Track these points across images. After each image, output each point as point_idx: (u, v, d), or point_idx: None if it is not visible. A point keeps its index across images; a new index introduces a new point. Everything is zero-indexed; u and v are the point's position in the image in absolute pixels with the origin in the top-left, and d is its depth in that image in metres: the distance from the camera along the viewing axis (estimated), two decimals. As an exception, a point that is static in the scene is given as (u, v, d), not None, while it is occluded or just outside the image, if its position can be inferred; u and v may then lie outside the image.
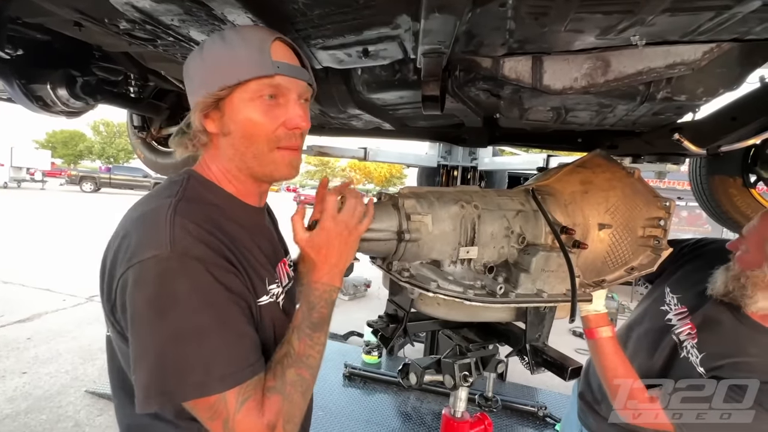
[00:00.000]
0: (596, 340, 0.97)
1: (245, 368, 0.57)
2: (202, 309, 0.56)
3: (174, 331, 0.54)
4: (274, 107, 0.67)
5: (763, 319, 0.93)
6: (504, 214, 0.88)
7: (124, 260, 0.56)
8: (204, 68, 0.66)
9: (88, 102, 1.61)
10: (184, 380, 0.53)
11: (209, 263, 0.58)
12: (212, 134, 0.70)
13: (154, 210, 0.61)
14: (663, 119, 1.30)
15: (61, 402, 2.67)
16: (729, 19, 0.62)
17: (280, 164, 0.70)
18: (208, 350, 0.55)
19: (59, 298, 4.64)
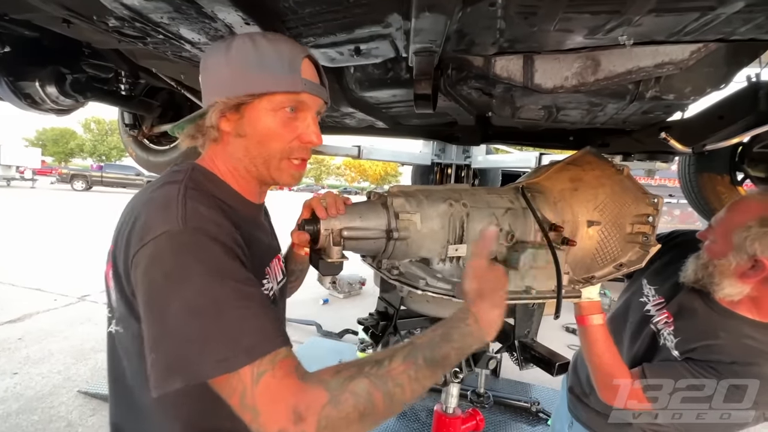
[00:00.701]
0: (587, 327, 0.99)
1: (268, 340, 0.53)
2: (221, 281, 0.53)
3: (191, 305, 0.51)
4: (293, 120, 0.69)
5: (731, 304, 0.97)
6: (493, 211, 0.89)
7: (137, 241, 0.56)
8: (230, 69, 0.66)
9: (77, 100, 1.59)
10: (205, 356, 0.50)
11: (222, 242, 0.57)
12: (224, 132, 0.70)
13: (164, 193, 0.61)
14: (652, 118, 1.32)
15: (53, 402, 2.65)
16: (713, 19, 0.63)
17: (285, 173, 0.71)
18: (229, 324, 0.52)
19: (50, 297, 4.58)
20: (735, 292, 0.93)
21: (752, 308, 0.95)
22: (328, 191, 0.81)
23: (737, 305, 0.96)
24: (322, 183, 68.77)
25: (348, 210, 0.79)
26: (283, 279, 0.84)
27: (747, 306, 0.95)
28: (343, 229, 0.77)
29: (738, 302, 0.96)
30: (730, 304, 0.97)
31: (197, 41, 0.87)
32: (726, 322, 0.95)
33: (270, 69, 0.65)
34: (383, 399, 0.52)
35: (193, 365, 0.50)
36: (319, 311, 4.68)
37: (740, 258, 0.90)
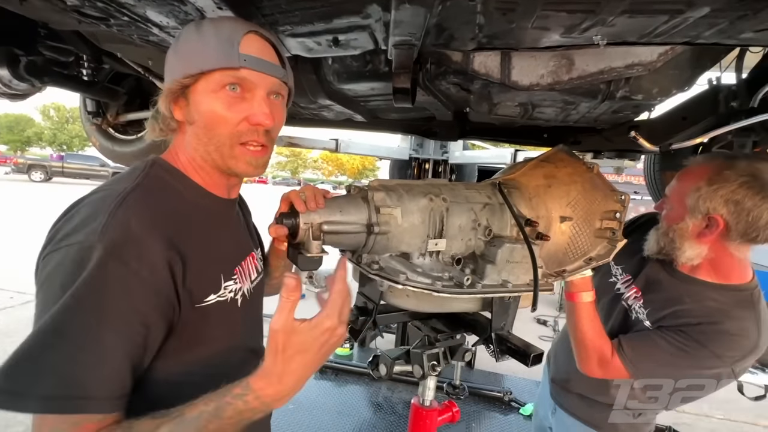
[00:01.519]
0: (576, 304, 1.03)
1: (74, 399, 0.49)
2: (86, 315, 0.50)
3: (44, 324, 0.49)
4: (239, 101, 0.65)
5: (692, 270, 1.04)
6: (471, 207, 0.89)
7: (55, 240, 0.54)
8: (175, 55, 0.65)
9: (33, 84, 1.48)
10: (4, 381, 0.48)
11: (130, 269, 0.53)
12: (180, 122, 0.68)
13: (103, 197, 0.58)
14: (621, 117, 1.37)
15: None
16: (681, 23, 0.65)
17: (240, 161, 0.68)
18: (52, 360, 0.48)
19: (6, 295, 4.32)
20: (695, 254, 0.99)
21: (711, 271, 1.01)
22: (306, 184, 0.79)
23: (697, 271, 1.03)
24: (298, 176, 67.73)
25: (328, 204, 0.78)
26: (258, 277, 0.82)
27: (706, 270, 1.02)
28: (323, 223, 0.75)
29: (698, 267, 1.02)
30: (691, 271, 1.04)
31: (165, 25, 0.82)
32: (689, 288, 1.02)
33: (207, 48, 0.62)
34: None
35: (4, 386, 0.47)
36: (295, 306, 4.63)
37: (695, 218, 0.96)
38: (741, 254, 0.98)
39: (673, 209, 1.04)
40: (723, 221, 0.93)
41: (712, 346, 0.93)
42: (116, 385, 0.53)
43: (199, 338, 0.65)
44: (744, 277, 1.00)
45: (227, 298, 0.69)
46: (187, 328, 0.62)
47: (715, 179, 0.94)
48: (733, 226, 0.92)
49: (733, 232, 0.93)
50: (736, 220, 0.91)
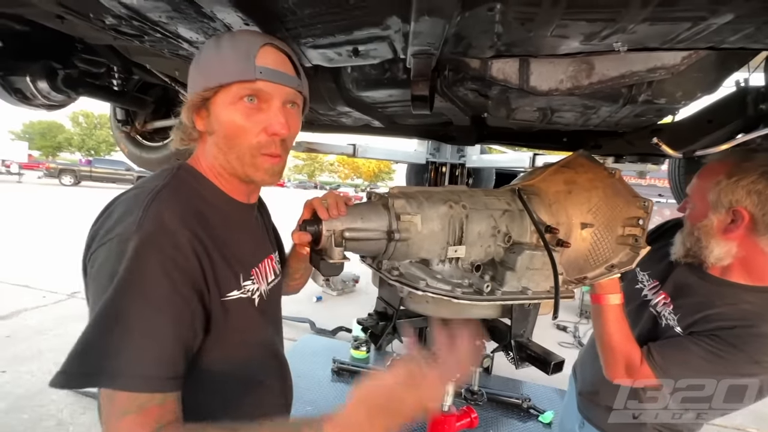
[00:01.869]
0: (602, 306, 0.99)
1: (142, 377, 0.53)
2: (137, 299, 0.54)
3: (101, 311, 0.53)
4: (256, 112, 0.68)
5: (723, 273, 1.00)
6: (491, 213, 0.90)
7: (99, 237, 0.59)
8: (196, 69, 0.69)
9: (69, 95, 1.57)
10: (77, 365, 0.52)
11: (167, 256, 0.57)
12: (201, 132, 0.72)
13: (136, 194, 0.63)
14: (644, 121, 1.35)
15: (42, 401, 2.62)
16: (705, 29, 0.65)
17: (258, 170, 0.71)
18: (115, 341, 0.52)
19: (39, 294, 4.52)
20: (724, 252, 0.95)
21: (743, 272, 0.97)
22: (329, 191, 0.82)
23: (729, 273, 0.98)
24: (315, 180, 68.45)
25: (349, 211, 0.80)
26: (275, 279, 0.85)
27: (738, 271, 0.97)
28: (345, 230, 0.77)
29: (729, 269, 0.98)
30: (723, 273, 0.99)
31: (195, 40, 0.86)
32: (721, 290, 0.98)
33: (225, 62, 0.66)
34: None
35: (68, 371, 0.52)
36: (312, 308, 4.69)
37: (719, 213, 0.93)
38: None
39: (696, 207, 1.01)
40: (748, 213, 0.89)
41: (750, 351, 0.88)
42: (171, 366, 0.56)
43: (221, 334, 0.67)
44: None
45: (246, 297, 0.72)
46: (213, 323, 0.65)
47: (735, 172, 0.92)
48: (759, 218, 0.88)
49: (761, 225, 0.89)
50: (761, 211, 0.88)
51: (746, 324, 0.90)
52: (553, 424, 2.62)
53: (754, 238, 0.92)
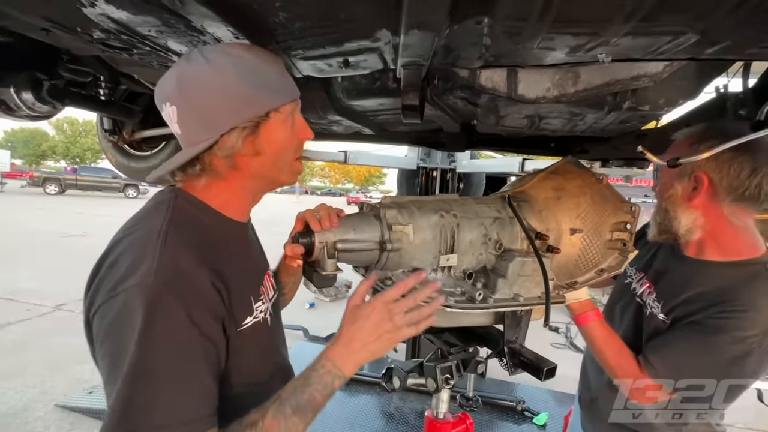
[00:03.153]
0: (585, 327, 1.02)
1: (186, 423, 0.54)
2: (167, 351, 0.54)
3: (133, 369, 0.52)
4: (293, 123, 0.73)
5: (698, 252, 1.01)
6: (482, 221, 0.91)
7: (107, 289, 0.56)
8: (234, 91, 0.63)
9: (55, 106, 1.54)
10: (121, 425, 0.52)
11: (188, 300, 0.56)
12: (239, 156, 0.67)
13: (144, 236, 0.60)
14: (629, 127, 1.38)
15: (28, 418, 2.55)
16: (684, 42, 0.67)
17: (293, 173, 0.76)
18: (155, 396, 0.53)
19: (23, 307, 4.41)
20: (691, 222, 0.97)
21: (715, 247, 0.98)
22: (321, 204, 0.82)
23: (704, 251, 1.00)
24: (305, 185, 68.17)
25: (341, 222, 0.80)
26: (274, 294, 0.84)
27: (711, 247, 0.99)
28: (338, 242, 0.78)
29: (704, 248, 1.00)
30: (698, 253, 1.01)
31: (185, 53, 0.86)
32: (696, 271, 0.99)
33: (268, 82, 0.67)
34: None
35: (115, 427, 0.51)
36: (305, 315, 4.65)
37: (682, 181, 0.96)
38: (739, 221, 0.94)
39: (663, 181, 1.04)
40: (707, 178, 0.91)
41: (731, 330, 0.87)
42: (212, 402, 0.58)
43: (240, 360, 0.67)
44: (755, 250, 0.95)
45: (260, 319, 0.72)
46: (231, 351, 0.65)
47: (694, 141, 0.95)
48: (718, 182, 0.91)
49: (720, 189, 0.91)
50: (719, 175, 0.90)
51: (721, 300, 0.90)
52: (547, 426, 2.64)
53: (717, 204, 0.93)
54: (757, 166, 0.87)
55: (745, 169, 0.87)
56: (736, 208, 0.93)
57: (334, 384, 0.65)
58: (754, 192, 0.88)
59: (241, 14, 0.70)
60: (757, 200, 0.90)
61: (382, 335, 0.67)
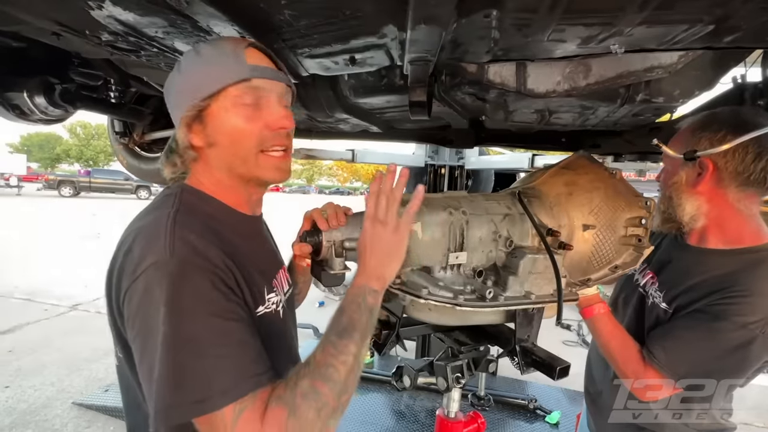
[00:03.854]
0: (591, 319, 1.01)
1: (247, 379, 0.54)
2: (201, 318, 0.54)
3: (174, 342, 0.52)
4: (256, 110, 0.67)
5: (700, 240, 1.00)
6: (491, 218, 0.90)
7: (129, 274, 0.56)
8: (183, 83, 0.67)
9: (67, 109, 1.57)
10: (183, 395, 0.51)
11: (209, 271, 0.57)
12: (199, 148, 0.69)
13: (154, 221, 0.61)
14: (642, 120, 1.35)
15: (47, 415, 2.61)
16: (701, 30, 0.65)
17: (266, 167, 0.70)
18: (207, 363, 0.53)
19: (41, 308, 4.51)
20: (695, 209, 0.96)
21: (719, 235, 0.96)
22: (328, 202, 0.81)
23: (706, 239, 0.99)
24: (314, 184, 68.47)
25: (349, 221, 0.79)
26: (289, 289, 0.84)
27: (714, 235, 0.97)
28: (345, 240, 0.77)
29: (706, 235, 0.99)
30: (700, 241, 1.00)
31: (192, 54, 0.86)
32: (698, 259, 0.98)
33: (215, 67, 0.65)
34: (326, 385, 0.56)
35: (173, 406, 0.51)
36: (315, 314, 4.68)
37: (687, 167, 0.95)
38: (745, 208, 0.92)
39: (667, 169, 1.03)
40: (712, 163, 0.90)
41: (732, 316, 0.85)
42: (264, 358, 0.58)
43: None
44: (758, 238, 0.93)
45: (272, 310, 0.71)
46: None
47: (698, 128, 0.94)
48: (723, 167, 0.89)
49: (725, 174, 0.90)
50: (723, 160, 0.88)
51: (722, 287, 0.89)
52: (560, 425, 2.61)
53: (722, 191, 0.92)
54: (761, 150, 0.85)
55: (750, 154, 0.86)
56: (741, 194, 0.91)
57: (368, 300, 0.65)
58: (759, 177, 0.87)
59: (247, 13, 0.71)
60: (762, 185, 0.88)
61: (384, 239, 0.68)
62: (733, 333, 0.85)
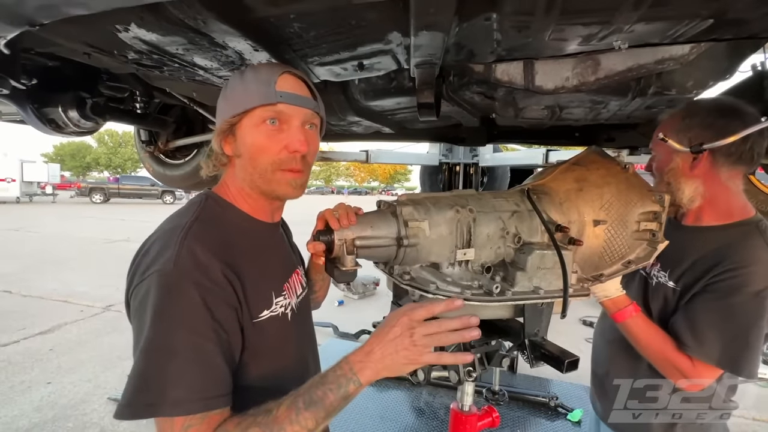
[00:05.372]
0: (624, 324, 1.02)
1: (200, 400, 0.58)
2: (181, 330, 0.59)
3: (150, 344, 0.58)
4: (278, 132, 0.74)
5: (696, 220, 1.06)
6: (499, 215, 0.91)
7: (139, 275, 0.63)
8: (224, 100, 0.76)
9: (97, 122, 1.67)
10: (140, 397, 0.57)
11: (203, 288, 0.62)
12: (230, 157, 0.78)
13: (171, 230, 0.67)
14: (656, 112, 1.33)
15: (85, 409, 2.77)
16: (703, 24, 0.65)
17: (281, 184, 0.76)
18: (171, 371, 0.57)
19: (77, 309, 4.77)
20: (693, 191, 1.01)
21: (713, 214, 1.03)
22: (340, 203, 0.85)
23: (702, 218, 1.05)
24: (332, 184, 69.06)
25: (359, 220, 0.83)
26: (303, 292, 0.89)
27: (708, 214, 1.03)
28: (356, 239, 0.81)
29: (701, 214, 1.04)
30: (696, 221, 1.06)
31: (210, 67, 0.92)
32: (697, 236, 1.04)
33: (249, 90, 0.73)
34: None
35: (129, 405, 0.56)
36: (335, 313, 4.76)
37: (682, 152, 0.98)
38: (734, 185, 1.00)
39: (660, 157, 1.07)
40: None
41: (739, 289, 0.90)
42: (224, 384, 0.62)
43: (257, 352, 0.72)
44: (746, 212, 1.00)
45: (279, 313, 0.76)
46: (247, 342, 0.70)
47: (687, 114, 1.01)
48: (717, 149, 0.94)
49: (718, 156, 0.96)
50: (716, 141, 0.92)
51: (719, 261, 0.94)
52: (582, 423, 2.57)
53: (716, 171, 0.98)
54: None
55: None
56: (732, 172, 0.98)
57: (349, 388, 0.64)
58: (748, 155, 0.95)
59: (259, 28, 0.75)
60: (751, 162, 0.97)
61: (399, 350, 0.65)
62: (748, 304, 0.90)
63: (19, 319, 4.32)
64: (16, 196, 20.27)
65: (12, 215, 14.44)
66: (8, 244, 8.62)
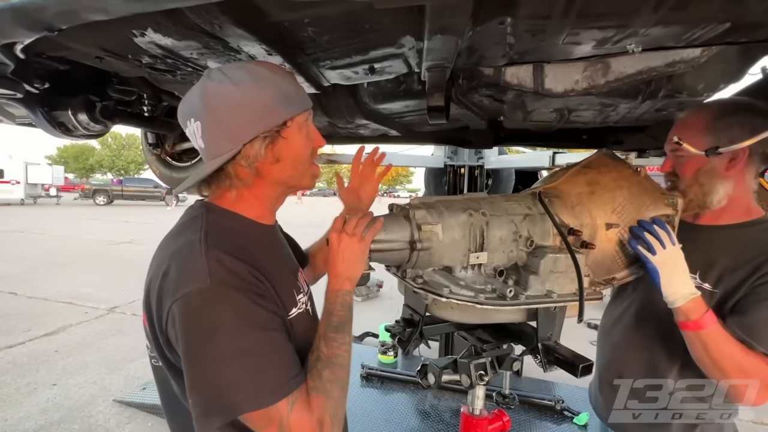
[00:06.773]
0: (699, 333, 0.84)
1: (290, 380, 0.63)
2: (247, 332, 0.61)
3: (224, 354, 0.59)
4: (309, 133, 0.77)
5: (716, 219, 1.01)
6: (512, 219, 0.91)
7: (169, 295, 0.62)
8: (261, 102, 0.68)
9: (106, 125, 1.68)
10: (238, 397, 0.59)
11: (245, 290, 0.63)
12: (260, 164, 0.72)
13: (186, 245, 0.66)
14: (666, 114, 1.32)
15: (91, 411, 2.77)
16: (718, 28, 0.65)
17: (308, 176, 0.79)
18: (255, 368, 0.61)
19: (81, 310, 4.78)
20: (724, 192, 0.98)
21: (733, 213, 0.99)
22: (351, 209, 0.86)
23: (720, 217, 1.01)
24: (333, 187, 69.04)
25: None
26: (308, 289, 0.89)
27: (728, 212, 1.00)
28: (369, 243, 0.81)
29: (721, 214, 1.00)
30: (714, 220, 1.02)
31: (223, 71, 0.92)
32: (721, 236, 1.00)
33: (290, 94, 0.71)
34: (342, 370, 0.70)
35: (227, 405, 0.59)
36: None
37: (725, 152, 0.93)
38: (752, 183, 0.99)
39: (689, 158, 1.00)
40: (747, 147, 0.91)
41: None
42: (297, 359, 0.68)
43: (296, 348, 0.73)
44: (759, 210, 0.99)
45: (303, 310, 0.78)
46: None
47: (722, 114, 0.96)
48: (754, 149, 0.92)
49: (755, 155, 0.94)
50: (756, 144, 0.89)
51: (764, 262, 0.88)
52: (588, 426, 2.56)
53: (748, 170, 0.97)
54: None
55: None
56: (755, 171, 0.97)
57: (346, 299, 0.78)
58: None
59: (273, 32, 0.75)
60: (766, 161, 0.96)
61: (349, 247, 0.79)
62: None
63: (25, 321, 4.33)
64: (20, 198, 20.35)
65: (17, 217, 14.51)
66: (13, 246, 8.66)
